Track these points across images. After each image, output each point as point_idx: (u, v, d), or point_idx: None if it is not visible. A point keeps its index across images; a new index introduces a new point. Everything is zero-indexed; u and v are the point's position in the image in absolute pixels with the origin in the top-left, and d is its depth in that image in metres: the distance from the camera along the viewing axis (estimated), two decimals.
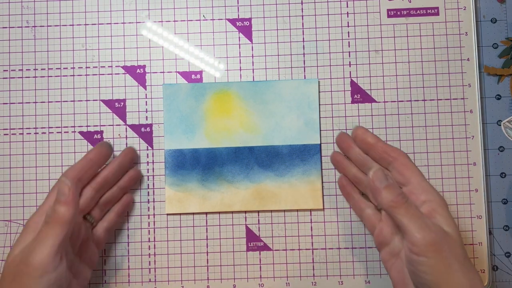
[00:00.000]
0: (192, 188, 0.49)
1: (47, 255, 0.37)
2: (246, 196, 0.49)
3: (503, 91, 0.51)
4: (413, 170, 0.42)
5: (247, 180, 0.49)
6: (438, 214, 0.39)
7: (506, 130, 0.50)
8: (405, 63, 0.50)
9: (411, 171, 0.42)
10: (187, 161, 0.49)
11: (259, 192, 0.49)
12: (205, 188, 0.49)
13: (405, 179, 0.42)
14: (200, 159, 0.49)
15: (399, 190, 0.40)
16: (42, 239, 0.38)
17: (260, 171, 0.49)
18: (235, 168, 0.49)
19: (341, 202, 0.50)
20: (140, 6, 0.51)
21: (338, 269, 0.49)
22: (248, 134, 0.49)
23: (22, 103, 0.51)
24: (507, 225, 0.50)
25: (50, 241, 0.38)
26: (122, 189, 0.47)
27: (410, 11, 0.51)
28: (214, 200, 0.49)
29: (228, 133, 0.49)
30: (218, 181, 0.49)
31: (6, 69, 0.51)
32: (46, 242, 0.38)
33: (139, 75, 0.51)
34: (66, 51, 0.51)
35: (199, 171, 0.49)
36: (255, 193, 0.49)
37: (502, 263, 0.50)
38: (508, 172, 0.50)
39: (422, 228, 0.37)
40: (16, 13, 0.51)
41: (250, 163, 0.49)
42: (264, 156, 0.49)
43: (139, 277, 0.49)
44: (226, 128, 0.49)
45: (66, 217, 0.39)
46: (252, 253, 0.49)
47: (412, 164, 0.42)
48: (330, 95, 0.50)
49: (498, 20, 0.51)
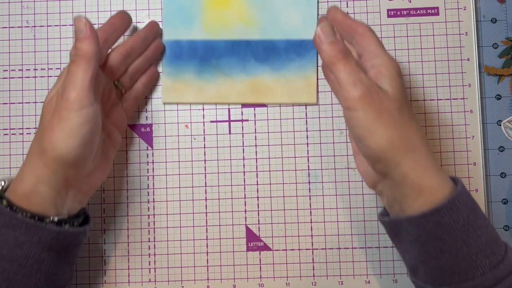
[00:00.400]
0: (189, 79, 0.49)
1: (81, 89, 0.37)
2: (242, 88, 0.49)
3: (503, 91, 0.51)
4: (371, 38, 0.40)
5: (243, 73, 0.49)
6: (382, 76, 0.38)
7: (506, 130, 0.50)
8: (405, 63, 0.50)
9: (368, 40, 0.40)
10: (184, 52, 0.50)
11: (255, 85, 0.49)
12: (202, 80, 0.49)
13: (362, 48, 0.40)
14: (197, 51, 0.49)
15: (342, 46, 0.38)
16: (72, 77, 0.38)
17: (256, 64, 0.49)
18: (232, 60, 0.50)
19: (341, 202, 0.50)
20: (140, 6, 0.51)
21: (338, 269, 0.49)
22: (246, 27, 0.50)
23: (22, 103, 0.51)
24: (507, 225, 0.50)
25: (80, 76, 0.38)
26: (148, 59, 0.48)
27: (410, 11, 0.51)
28: (210, 92, 0.50)
29: (226, 25, 0.50)
30: (215, 73, 0.49)
31: (6, 69, 0.51)
32: (77, 78, 0.38)
33: None
34: (66, 51, 0.51)
35: (196, 63, 0.49)
36: (251, 86, 0.49)
37: None
38: (508, 172, 0.50)
39: (355, 83, 0.37)
40: (16, 13, 0.51)
41: (247, 56, 0.49)
42: (261, 50, 0.49)
43: (139, 277, 0.49)
44: (224, 21, 0.50)
45: (90, 52, 0.38)
46: (252, 253, 0.49)
47: (370, 34, 0.40)
48: (330, 95, 0.50)
49: (498, 20, 0.51)
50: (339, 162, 0.50)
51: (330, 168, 0.50)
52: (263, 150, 0.50)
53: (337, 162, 0.50)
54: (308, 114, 0.50)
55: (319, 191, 0.50)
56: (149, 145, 0.50)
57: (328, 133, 0.50)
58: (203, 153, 0.50)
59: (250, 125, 0.50)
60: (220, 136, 0.50)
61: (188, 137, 0.50)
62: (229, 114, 0.50)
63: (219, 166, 0.50)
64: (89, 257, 0.49)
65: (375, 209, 0.49)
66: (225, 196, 0.50)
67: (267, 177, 0.50)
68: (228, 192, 0.50)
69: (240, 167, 0.50)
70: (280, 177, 0.50)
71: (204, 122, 0.50)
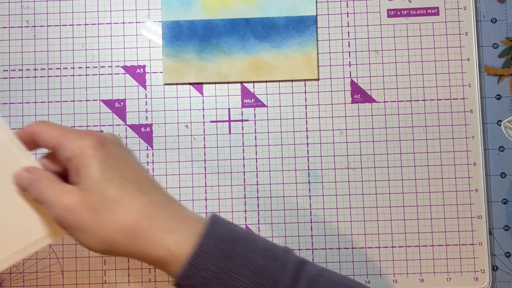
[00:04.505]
0: (189, 59, 0.50)
1: None
2: (242, 67, 0.50)
3: (503, 91, 0.51)
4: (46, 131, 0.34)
5: (243, 51, 0.50)
6: (74, 170, 0.33)
7: (506, 130, 0.50)
8: (405, 63, 0.50)
9: (45, 135, 0.34)
10: (184, 33, 0.50)
11: (255, 63, 0.50)
12: (202, 59, 0.50)
13: (50, 145, 0.34)
14: (197, 31, 0.50)
15: (24, 178, 0.34)
16: None
17: (256, 42, 0.50)
18: (232, 39, 0.50)
19: (341, 202, 0.50)
20: (140, 6, 0.51)
21: (338, 269, 0.49)
22: (245, 6, 0.50)
23: (22, 103, 0.51)
24: (507, 225, 0.50)
25: None
26: None
27: (410, 11, 0.51)
28: (210, 71, 0.50)
29: (225, 4, 0.50)
30: (215, 52, 0.50)
31: (6, 69, 0.51)
32: None
33: (139, 75, 0.51)
34: (66, 51, 0.51)
35: (196, 43, 0.50)
36: (251, 64, 0.50)
37: (502, 263, 0.49)
38: (508, 172, 0.50)
39: (49, 206, 0.33)
40: (16, 13, 0.51)
41: (246, 34, 0.50)
42: (260, 28, 0.50)
43: (139, 277, 0.49)
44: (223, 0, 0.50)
45: None
46: None
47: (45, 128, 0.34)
48: (330, 95, 0.50)
49: (498, 20, 0.51)
50: (339, 162, 0.50)
51: (330, 168, 0.50)
52: (263, 150, 0.50)
53: (337, 162, 0.50)
54: (308, 114, 0.50)
55: (319, 191, 0.50)
56: (149, 145, 0.50)
57: (328, 133, 0.50)
58: (203, 153, 0.50)
59: (250, 125, 0.50)
60: (220, 136, 0.50)
61: (188, 137, 0.50)
62: (229, 114, 0.50)
63: (219, 166, 0.50)
64: (89, 257, 0.49)
65: (375, 209, 0.50)
66: (225, 196, 0.50)
67: (267, 177, 0.50)
68: (228, 192, 0.50)
69: (240, 167, 0.50)
70: (280, 177, 0.50)
71: (204, 122, 0.50)
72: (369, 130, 0.50)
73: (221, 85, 0.50)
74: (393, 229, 0.49)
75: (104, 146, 0.33)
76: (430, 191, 0.49)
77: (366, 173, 0.50)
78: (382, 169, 0.50)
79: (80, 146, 0.33)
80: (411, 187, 0.50)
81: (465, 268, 0.49)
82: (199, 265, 0.31)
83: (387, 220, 0.49)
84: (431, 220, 0.49)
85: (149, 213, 0.32)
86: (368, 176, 0.50)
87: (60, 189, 0.33)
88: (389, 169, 0.50)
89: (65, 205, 0.32)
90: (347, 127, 0.50)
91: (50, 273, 0.49)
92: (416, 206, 0.49)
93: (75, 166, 0.33)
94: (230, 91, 0.51)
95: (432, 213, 0.49)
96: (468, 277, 0.49)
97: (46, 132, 0.34)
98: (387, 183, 0.50)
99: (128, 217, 0.32)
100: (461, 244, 0.49)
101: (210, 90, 0.51)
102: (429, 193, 0.49)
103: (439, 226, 0.49)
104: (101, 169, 0.32)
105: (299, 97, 0.50)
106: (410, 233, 0.49)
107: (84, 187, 0.32)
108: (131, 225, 0.32)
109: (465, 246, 0.49)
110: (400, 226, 0.49)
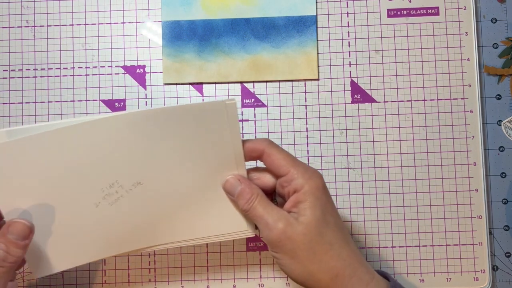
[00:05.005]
0: (189, 59, 0.50)
1: None
2: (242, 67, 0.50)
3: (503, 91, 0.51)
4: (276, 155, 0.38)
5: (243, 51, 0.50)
6: (300, 203, 0.37)
7: (506, 130, 0.50)
8: (405, 63, 0.50)
9: (274, 158, 0.38)
10: (183, 33, 0.50)
11: (255, 63, 0.50)
12: (202, 59, 0.50)
13: (275, 168, 0.38)
14: (197, 31, 0.50)
15: (248, 195, 0.38)
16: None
17: (256, 42, 0.50)
18: (232, 39, 0.50)
19: (340, 202, 0.50)
20: (140, 6, 0.51)
21: None
22: (245, 6, 0.50)
23: (22, 103, 0.51)
24: (507, 225, 0.50)
25: None
26: None
27: (410, 11, 0.51)
28: (210, 71, 0.50)
29: (225, 4, 0.50)
30: (215, 52, 0.50)
31: (6, 69, 0.51)
32: None
33: (139, 75, 0.51)
34: (66, 51, 0.51)
35: (196, 42, 0.50)
36: (251, 64, 0.50)
37: (502, 263, 0.49)
38: (508, 172, 0.50)
39: (267, 227, 0.36)
40: (16, 13, 0.51)
41: (246, 34, 0.50)
42: (260, 28, 0.50)
43: (139, 277, 0.49)
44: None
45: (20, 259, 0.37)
46: (252, 253, 0.49)
47: (276, 151, 0.38)
48: (330, 95, 0.50)
49: (498, 20, 0.51)
50: (339, 162, 0.50)
51: (330, 168, 0.50)
52: None
53: (337, 162, 0.50)
54: (308, 114, 0.50)
55: None
56: None
57: (328, 133, 0.50)
58: None
59: (250, 125, 0.50)
60: None
61: None
62: None
63: None
64: None
65: (375, 209, 0.50)
66: None
67: None
68: None
69: None
70: None
71: None
72: (369, 130, 0.50)
73: (221, 85, 0.50)
74: (393, 229, 0.49)
75: (326, 190, 0.37)
76: (430, 191, 0.50)
77: (366, 173, 0.50)
78: (382, 169, 0.50)
79: (311, 184, 0.36)
80: (411, 187, 0.50)
81: (465, 268, 0.49)
82: None
83: (387, 220, 0.49)
84: (431, 220, 0.49)
85: (350, 263, 0.36)
86: (368, 176, 0.50)
87: (278, 214, 0.37)
88: (389, 169, 0.50)
89: (285, 232, 0.36)
90: (347, 127, 0.50)
91: None
92: (416, 206, 0.49)
93: (297, 199, 0.37)
94: (230, 91, 0.51)
95: (432, 213, 0.49)
96: (468, 277, 0.49)
97: (276, 157, 0.38)
98: (387, 183, 0.50)
99: (337, 263, 0.36)
100: (461, 244, 0.49)
101: (210, 90, 0.51)
102: (429, 193, 0.49)
103: (439, 226, 0.49)
104: (323, 212, 0.36)
105: (299, 97, 0.50)
106: (410, 233, 0.49)
107: (306, 223, 0.36)
108: (337, 271, 0.36)
109: (465, 246, 0.49)
110: (400, 226, 0.49)
